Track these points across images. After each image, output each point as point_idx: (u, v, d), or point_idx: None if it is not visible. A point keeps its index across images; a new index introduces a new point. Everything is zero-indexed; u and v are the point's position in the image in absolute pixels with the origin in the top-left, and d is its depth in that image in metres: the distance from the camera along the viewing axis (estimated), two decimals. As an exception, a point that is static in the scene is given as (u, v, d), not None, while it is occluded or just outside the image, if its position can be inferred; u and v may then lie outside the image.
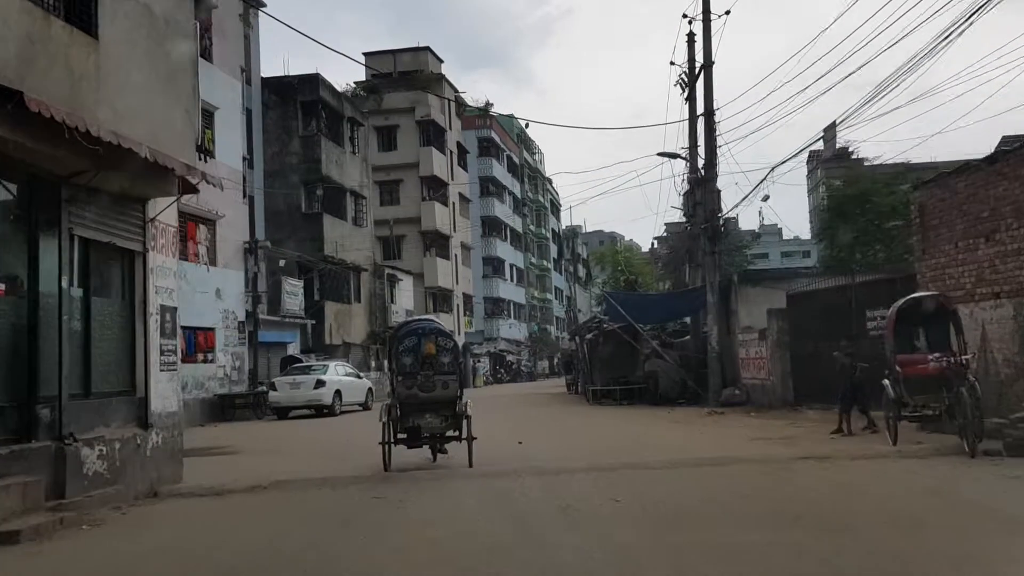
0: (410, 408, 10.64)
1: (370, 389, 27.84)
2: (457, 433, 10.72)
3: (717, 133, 21.71)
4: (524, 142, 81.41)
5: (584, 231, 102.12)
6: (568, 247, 30.61)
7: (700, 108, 23.12)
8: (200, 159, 25.85)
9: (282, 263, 30.69)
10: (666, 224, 69.70)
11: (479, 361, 59.71)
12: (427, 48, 54.15)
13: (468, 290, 58.39)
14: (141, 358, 9.95)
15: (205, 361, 25.55)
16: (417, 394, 10.63)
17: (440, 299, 51.84)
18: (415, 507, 7.93)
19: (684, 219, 24.04)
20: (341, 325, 36.05)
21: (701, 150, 22.42)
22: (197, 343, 25.20)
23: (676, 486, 8.62)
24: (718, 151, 21.90)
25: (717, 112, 21.91)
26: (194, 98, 11.06)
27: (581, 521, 6.79)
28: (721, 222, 21.27)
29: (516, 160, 76.36)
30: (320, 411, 24.91)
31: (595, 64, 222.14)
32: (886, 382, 11.46)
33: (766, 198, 22.11)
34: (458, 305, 55.01)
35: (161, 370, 10.28)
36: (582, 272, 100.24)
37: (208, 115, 26.06)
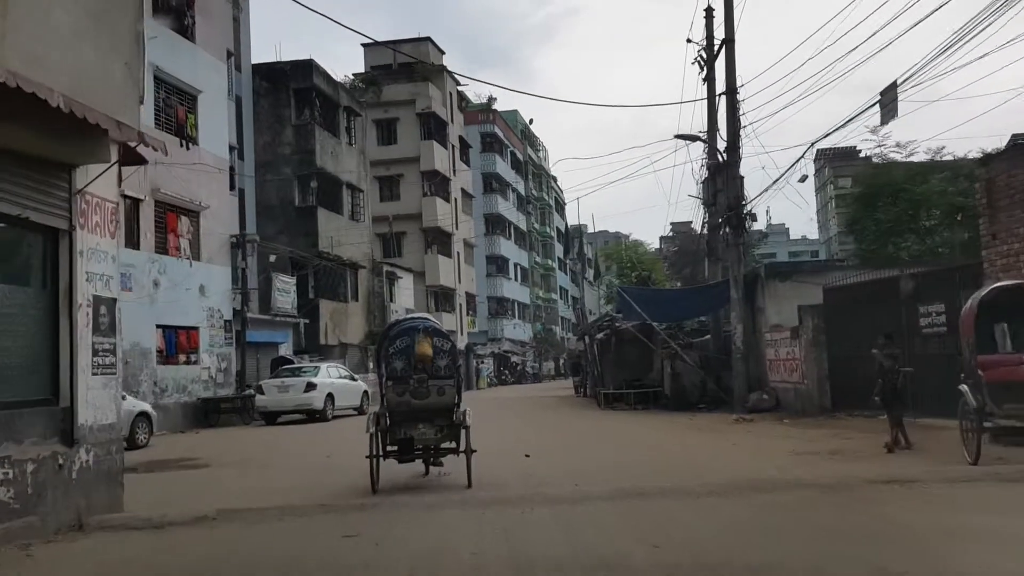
0: (401, 417, 9.38)
1: (366, 392, 26.01)
2: (454, 445, 9.51)
3: (740, 112, 19.85)
4: (528, 139, 79.63)
5: (591, 231, 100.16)
6: (575, 244, 28.71)
7: (720, 88, 21.33)
8: (181, 145, 24.23)
9: (272, 258, 28.91)
10: (672, 224, 67.55)
11: (483, 362, 57.90)
12: (428, 39, 52.38)
13: (471, 289, 56.56)
14: (66, 359, 8.14)
15: (187, 362, 23.76)
16: (409, 401, 9.37)
17: (442, 298, 50.04)
18: (393, 554, 6.10)
19: (703, 208, 22.22)
20: (337, 325, 34.27)
21: (723, 132, 20.54)
22: (179, 343, 23.41)
23: (732, 526, 6.69)
24: (742, 133, 20.05)
25: (740, 89, 20.06)
26: (137, 49, 9.24)
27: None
28: (747, 210, 19.39)
29: (520, 157, 74.58)
30: (312, 416, 23.15)
31: (600, 64, 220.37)
32: (964, 388, 9.61)
33: (804, 179, 20.16)
34: (461, 304, 53.20)
35: (94, 374, 8.47)
36: (589, 272, 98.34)
37: (191, 99, 24.35)
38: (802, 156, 16.03)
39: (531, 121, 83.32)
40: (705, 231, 23.59)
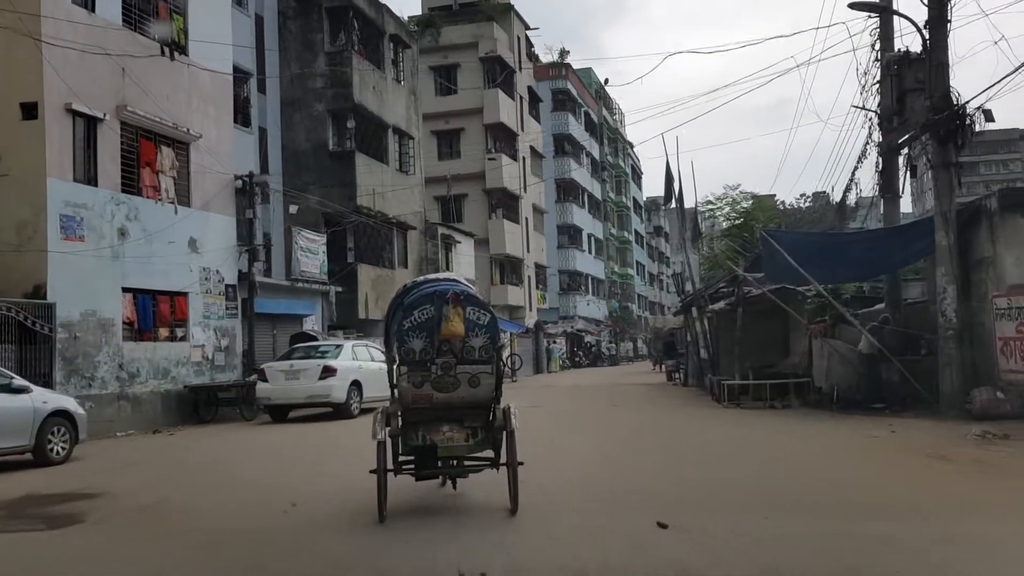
0: (419, 416, 6.80)
1: (406, 379, 20.03)
2: (492, 455, 6.88)
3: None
4: (603, 99, 72.63)
5: (688, 189, 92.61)
6: (674, 188, 22.84)
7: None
8: (163, 54, 18.50)
9: (293, 209, 23.13)
10: (752, 195, 58.59)
11: (554, 342, 51.62)
12: (494, -26, 46.02)
13: (541, 260, 50.32)
14: None
15: (171, 339, 18.12)
16: (431, 395, 6.72)
17: (508, 268, 43.94)
18: None
19: (876, 122, 15.48)
20: (380, 295, 28.36)
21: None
22: (158, 313, 17.79)
23: None
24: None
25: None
26: None
27: None
28: (975, 109, 12.56)
29: (595, 118, 67.78)
30: (338, 410, 17.34)
31: (673, 44, 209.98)
32: None
33: None
34: (530, 277, 47.02)
35: None
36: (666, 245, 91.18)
37: (178, -4, 18.60)
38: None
39: (606, 81, 76.34)
40: (865, 157, 16.79)
